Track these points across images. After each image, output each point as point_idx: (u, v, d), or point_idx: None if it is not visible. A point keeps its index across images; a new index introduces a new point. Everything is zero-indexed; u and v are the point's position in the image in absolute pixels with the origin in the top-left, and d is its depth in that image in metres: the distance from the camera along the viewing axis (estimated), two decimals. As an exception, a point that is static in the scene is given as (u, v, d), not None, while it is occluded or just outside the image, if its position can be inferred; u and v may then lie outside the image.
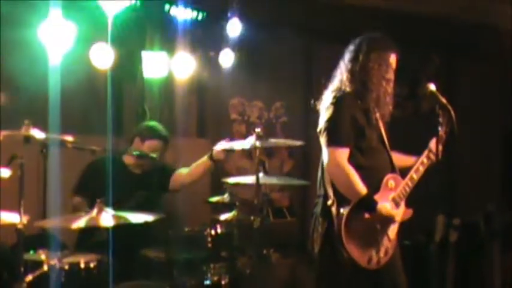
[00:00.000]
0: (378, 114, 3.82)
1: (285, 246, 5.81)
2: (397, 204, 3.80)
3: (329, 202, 3.68)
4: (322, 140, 3.70)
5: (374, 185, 3.73)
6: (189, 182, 4.82)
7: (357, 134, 3.70)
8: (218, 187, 5.22)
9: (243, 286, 4.38)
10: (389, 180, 3.80)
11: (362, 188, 3.63)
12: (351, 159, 3.67)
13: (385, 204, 3.71)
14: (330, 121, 3.67)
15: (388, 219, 3.73)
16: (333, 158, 3.63)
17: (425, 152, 4.02)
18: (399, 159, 4.01)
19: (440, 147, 3.90)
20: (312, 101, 3.92)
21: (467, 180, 7.08)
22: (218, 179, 5.10)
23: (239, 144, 4.60)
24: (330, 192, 3.69)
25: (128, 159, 4.75)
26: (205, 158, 4.68)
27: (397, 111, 6.83)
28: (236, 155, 6.43)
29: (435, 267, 5.89)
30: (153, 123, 4.98)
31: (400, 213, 3.83)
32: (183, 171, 4.81)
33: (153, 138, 4.71)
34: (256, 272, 4.40)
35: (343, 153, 3.63)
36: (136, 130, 4.85)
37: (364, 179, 3.66)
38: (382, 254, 3.74)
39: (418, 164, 3.97)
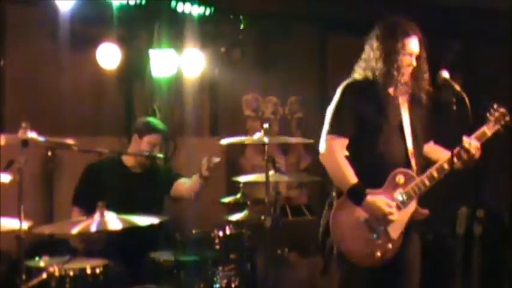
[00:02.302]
0: (399, 101, 3.60)
1: (303, 245, 5.65)
2: (403, 203, 3.52)
3: (334, 193, 3.55)
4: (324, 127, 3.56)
5: (379, 179, 3.51)
6: (186, 197, 4.65)
7: (362, 123, 3.50)
8: (233, 186, 5.07)
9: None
10: (398, 175, 3.52)
11: (352, 177, 3.44)
12: (356, 150, 3.51)
13: (379, 197, 3.46)
14: (332, 109, 3.54)
15: (384, 216, 3.45)
16: (328, 146, 3.49)
17: (456, 150, 3.56)
18: (435, 151, 3.75)
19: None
20: None
21: (490, 169, 6.84)
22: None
23: (246, 139, 4.46)
24: None
25: (127, 160, 4.60)
26: (196, 177, 4.49)
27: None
28: (251, 152, 6.28)
29: (460, 261, 5.70)
30: (150, 118, 4.86)
31: (404, 212, 3.51)
32: (186, 181, 4.63)
33: (151, 132, 4.56)
34: (269, 273, 4.24)
35: (340, 142, 3.50)
36: (133, 128, 4.70)
37: (368, 172, 3.46)
38: (379, 254, 3.47)
39: (444, 162, 3.56)
